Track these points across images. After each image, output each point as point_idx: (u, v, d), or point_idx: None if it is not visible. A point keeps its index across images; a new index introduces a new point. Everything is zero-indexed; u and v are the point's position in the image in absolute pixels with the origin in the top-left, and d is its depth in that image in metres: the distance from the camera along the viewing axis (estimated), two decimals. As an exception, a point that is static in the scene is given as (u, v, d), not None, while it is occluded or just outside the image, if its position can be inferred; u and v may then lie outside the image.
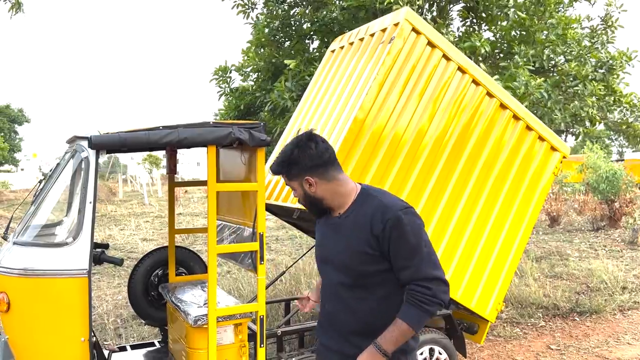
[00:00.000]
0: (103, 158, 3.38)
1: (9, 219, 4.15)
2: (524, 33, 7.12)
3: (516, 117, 4.66)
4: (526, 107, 5.81)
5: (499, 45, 7.09)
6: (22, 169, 52.74)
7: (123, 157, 64.12)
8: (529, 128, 4.73)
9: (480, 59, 6.99)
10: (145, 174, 38.14)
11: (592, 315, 6.62)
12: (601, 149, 15.49)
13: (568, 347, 5.62)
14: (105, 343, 5.90)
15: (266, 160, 5.89)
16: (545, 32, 7.18)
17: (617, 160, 26.91)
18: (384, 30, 4.33)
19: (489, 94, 4.54)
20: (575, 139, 8.63)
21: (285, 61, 6.99)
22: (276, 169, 2.22)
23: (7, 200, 26.78)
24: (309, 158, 2.15)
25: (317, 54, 7.54)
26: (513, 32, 7.26)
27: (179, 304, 3.99)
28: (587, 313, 6.66)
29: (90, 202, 3.29)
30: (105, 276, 9.05)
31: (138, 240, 12.92)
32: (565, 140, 7.83)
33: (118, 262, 3.70)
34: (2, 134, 41.96)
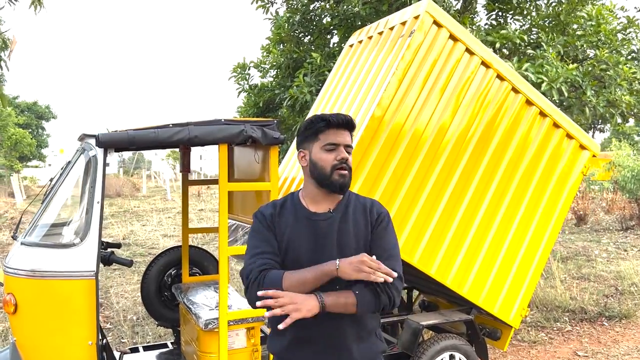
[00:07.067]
0: (111, 156, 3.29)
1: (19, 219, 4.10)
2: (555, 24, 6.90)
3: (543, 114, 4.45)
4: (559, 89, 5.58)
5: (527, 36, 6.86)
6: (49, 165, 53.69)
7: (147, 153, 64.94)
8: (556, 125, 4.52)
9: (508, 52, 6.78)
10: (168, 169, 38.54)
11: (621, 320, 6.35)
12: (630, 145, 15.06)
13: (596, 354, 5.39)
14: (122, 341, 5.87)
15: (281, 158, 5.78)
16: (576, 25, 6.94)
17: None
18: (404, 24, 4.16)
19: (515, 90, 4.34)
20: (613, 126, 8.14)
21: (312, 54, 6.87)
22: (352, 121, 2.11)
23: (35, 195, 27.26)
24: None
25: (338, 48, 7.40)
26: (541, 22, 7.04)
27: (190, 305, 3.90)
28: (616, 318, 6.40)
29: (98, 202, 3.21)
30: (126, 271, 9.04)
31: (159, 236, 12.93)
32: (592, 137, 7.55)
33: (127, 264, 3.62)
34: (30, 130, 42.68)
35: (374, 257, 1.94)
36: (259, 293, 1.87)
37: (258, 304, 1.89)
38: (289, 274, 1.96)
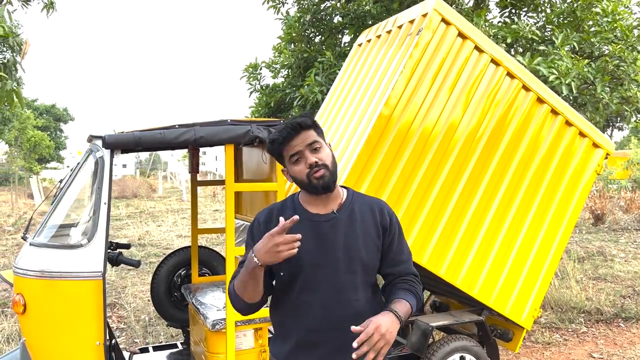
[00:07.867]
0: (118, 157, 3.30)
1: (28, 220, 4.14)
2: (570, 20, 6.81)
3: (554, 112, 4.38)
4: (569, 84, 5.49)
5: (541, 34, 6.78)
6: (67, 166, 54.45)
7: (164, 155, 65.48)
8: (568, 123, 4.44)
9: (521, 49, 6.69)
10: (184, 170, 38.74)
11: (638, 321, 6.24)
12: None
13: (612, 356, 5.30)
14: (134, 341, 5.91)
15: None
16: (592, 22, 6.83)
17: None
18: (412, 22, 4.12)
19: (525, 88, 4.27)
20: (627, 123, 7.93)
21: (325, 52, 6.85)
22: (309, 121, 1.99)
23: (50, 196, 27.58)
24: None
25: (349, 47, 7.38)
26: (556, 19, 6.95)
27: (199, 306, 3.90)
28: (633, 319, 6.28)
29: (105, 203, 3.22)
30: (140, 271, 9.11)
31: (174, 236, 13.01)
32: (611, 135, 7.39)
33: (135, 264, 3.63)
34: (48, 132, 43.29)
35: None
36: (354, 344, 1.74)
37: (354, 356, 1.76)
38: (235, 282, 1.98)
